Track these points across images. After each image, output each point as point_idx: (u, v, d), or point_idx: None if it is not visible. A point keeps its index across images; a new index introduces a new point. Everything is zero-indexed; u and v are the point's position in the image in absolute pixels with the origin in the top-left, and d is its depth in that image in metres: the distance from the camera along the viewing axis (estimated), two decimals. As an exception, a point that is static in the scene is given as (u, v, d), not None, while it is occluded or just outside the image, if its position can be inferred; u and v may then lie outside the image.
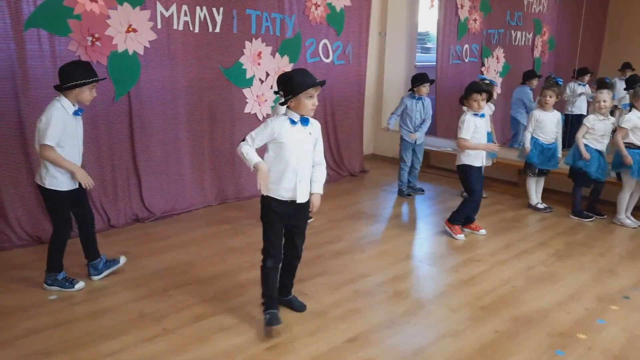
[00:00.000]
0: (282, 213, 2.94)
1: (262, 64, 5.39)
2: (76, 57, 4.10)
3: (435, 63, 7.37)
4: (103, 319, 3.05)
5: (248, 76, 5.30)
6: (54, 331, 2.91)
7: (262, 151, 2.91)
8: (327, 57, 6.11)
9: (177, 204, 4.90)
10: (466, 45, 7.55)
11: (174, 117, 4.81)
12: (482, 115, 4.40)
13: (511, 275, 3.83)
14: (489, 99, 4.40)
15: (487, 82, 5.23)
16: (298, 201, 2.92)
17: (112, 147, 4.48)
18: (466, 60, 7.60)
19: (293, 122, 2.86)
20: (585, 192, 5.19)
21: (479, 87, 4.36)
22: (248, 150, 2.84)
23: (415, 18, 7.54)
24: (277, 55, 5.52)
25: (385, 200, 5.70)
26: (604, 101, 4.92)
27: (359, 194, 5.92)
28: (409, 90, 5.62)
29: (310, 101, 2.83)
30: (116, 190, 4.54)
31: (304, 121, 2.88)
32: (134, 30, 4.39)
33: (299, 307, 3.22)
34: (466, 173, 4.45)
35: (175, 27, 4.66)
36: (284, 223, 2.99)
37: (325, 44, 6.05)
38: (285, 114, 2.90)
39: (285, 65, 5.59)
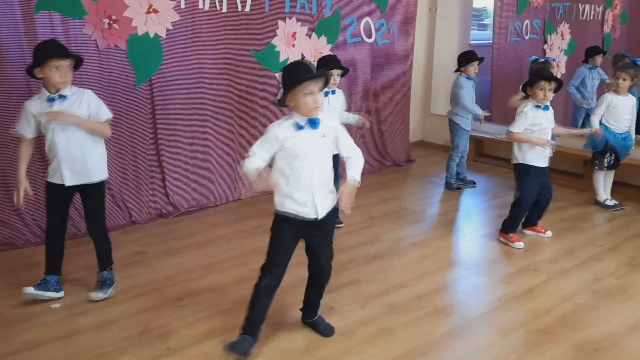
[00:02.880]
0: (298, 229, 2.53)
1: (297, 46, 4.96)
2: (92, 41, 3.82)
3: (491, 41, 6.71)
4: (103, 333, 2.76)
5: (282, 59, 4.88)
6: (50, 347, 2.64)
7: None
8: (370, 37, 5.60)
9: (205, 198, 4.58)
10: (527, 21, 6.81)
11: (200, 105, 4.47)
12: (546, 108, 3.79)
13: (575, 289, 3.28)
14: (557, 88, 3.77)
15: (542, 61, 4.62)
16: (319, 217, 2.50)
17: (133, 137, 4.19)
18: (526, 38, 6.87)
19: (299, 126, 2.41)
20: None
21: (548, 74, 3.74)
22: (247, 162, 2.41)
23: (470, -9, 6.89)
24: (314, 35, 5.07)
25: (433, 194, 5.19)
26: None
27: (404, 187, 5.44)
28: (456, 71, 5.06)
29: (310, 98, 2.36)
30: (139, 183, 4.26)
31: (313, 123, 2.42)
32: (155, 11, 4.05)
33: (325, 331, 2.78)
34: (522, 173, 3.88)
35: (200, 6, 4.28)
36: (300, 237, 2.57)
37: (367, 22, 5.53)
38: (290, 117, 2.45)
39: (322, 46, 5.14)
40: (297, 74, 2.36)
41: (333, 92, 4.04)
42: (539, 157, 3.81)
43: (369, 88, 5.73)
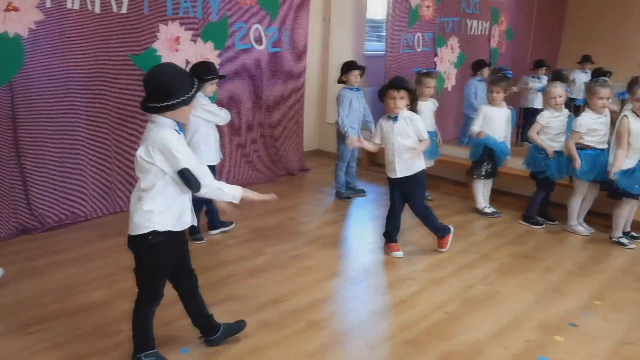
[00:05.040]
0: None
1: (182, 51, 4.77)
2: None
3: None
4: None
5: (165, 64, 4.67)
6: None
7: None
8: (260, 44, 5.51)
9: (77, 211, 4.26)
10: (419, 34, 7.02)
11: (70, 111, 4.16)
12: (396, 119, 3.72)
13: (446, 298, 3.35)
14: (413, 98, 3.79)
15: (425, 72, 4.77)
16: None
17: (-10, 145, 3.82)
18: (418, 50, 7.08)
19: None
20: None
21: (396, 83, 3.68)
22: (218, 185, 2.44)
23: (363, 3, 7.00)
24: (200, 40, 4.90)
25: (323, 204, 5.17)
26: (559, 96, 4.48)
27: (295, 197, 5.37)
28: (340, 82, 5.07)
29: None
30: (-4, 196, 3.89)
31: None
32: (15, 9, 3.72)
33: (238, 327, 2.81)
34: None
35: (69, 5, 3.99)
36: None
37: (257, 29, 5.44)
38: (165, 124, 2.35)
39: (209, 52, 4.98)
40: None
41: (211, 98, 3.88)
42: (388, 168, 3.86)
43: (260, 96, 5.64)
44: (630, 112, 4.06)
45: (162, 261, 2.44)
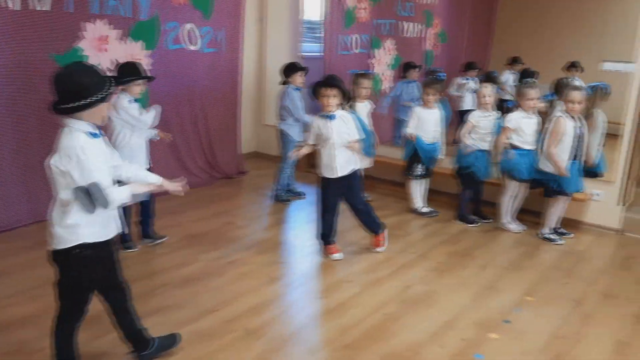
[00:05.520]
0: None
1: (110, 50, 4.56)
2: None
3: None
4: None
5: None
6: None
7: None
8: (194, 44, 5.36)
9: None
10: (355, 35, 7.05)
11: (-14, 115, 3.89)
12: (332, 117, 3.70)
13: (385, 299, 3.35)
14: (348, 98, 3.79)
15: (361, 73, 4.80)
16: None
17: None
18: (355, 51, 7.11)
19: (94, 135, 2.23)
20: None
21: (329, 81, 3.68)
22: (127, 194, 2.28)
23: (299, 4, 6.96)
24: (129, 40, 4.70)
25: (261, 207, 5.08)
26: (488, 96, 4.60)
27: (232, 201, 5.26)
28: (283, 83, 5.03)
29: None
30: None
31: (96, 135, 2.25)
32: None
33: (170, 342, 2.67)
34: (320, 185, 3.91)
35: (-17, 2, 3.73)
36: None
37: (191, 28, 5.29)
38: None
39: (139, 52, 4.79)
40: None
41: (136, 100, 3.67)
42: (326, 168, 3.81)
43: (194, 98, 5.48)
44: (563, 112, 4.22)
45: (90, 274, 2.30)
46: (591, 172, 4.53)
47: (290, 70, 4.98)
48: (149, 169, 3.84)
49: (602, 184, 4.69)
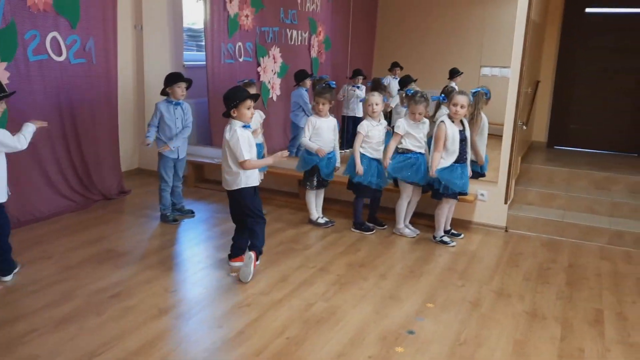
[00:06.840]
0: None
1: (-44, 62, 3.96)
2: None
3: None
4: None
5: None
6: None
7: None
8: (60, 55, 4.84)
9: None
10: (239, 43, 6.83)
11: None
12: (248, 127, 3.68)
13: (286, 321, 3.15)
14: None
15: (246, 81, 4.64)
16: None
17: None
18: (240, 60, 6.89)
19: None
20: (366, 201, 4.86)
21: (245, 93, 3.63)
22: None
23: (179, 10, 6.59)
24: (-20, 51, 4.13)
25: (146, 229, 4.67)
26: (376, 104, 4.60)
27: (113, 224, 4.77)
28: (162, 94, 4.69)
29: None
30: None
31: None
32: None
33: None
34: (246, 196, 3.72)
35: None
36: None
37: (55, 37, 4.76)
38: None
39: (-7, 64, 4.22)
40: None
41: None
42: (250, 178, 3.72)
43: (64, 113, 4.95)
44: (447, 117, 4.32)
45: None
46: (475, 172, 4.69)
47: (171, 80, 4.66)
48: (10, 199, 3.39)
49: (487, 184, 4.88)
